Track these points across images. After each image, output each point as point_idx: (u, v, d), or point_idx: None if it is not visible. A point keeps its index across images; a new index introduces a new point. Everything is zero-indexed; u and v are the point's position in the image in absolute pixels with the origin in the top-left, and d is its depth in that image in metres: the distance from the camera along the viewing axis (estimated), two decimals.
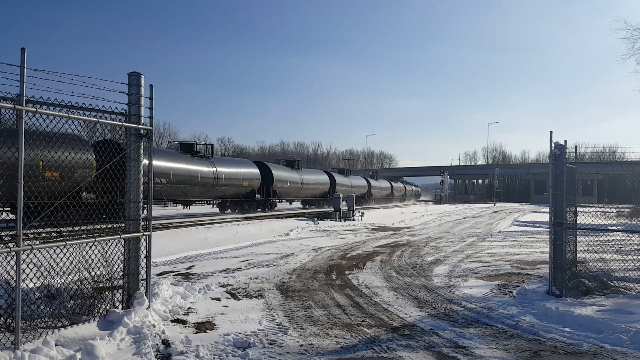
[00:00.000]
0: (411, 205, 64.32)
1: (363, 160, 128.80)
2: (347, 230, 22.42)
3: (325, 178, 47.73)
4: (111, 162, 6.27)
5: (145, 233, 6.45)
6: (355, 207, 31.16)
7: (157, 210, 31.10)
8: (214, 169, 29.21)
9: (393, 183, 74.25)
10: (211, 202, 32.94)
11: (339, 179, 50.26)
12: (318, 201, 46.48)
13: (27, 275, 5.12)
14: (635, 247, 14.24)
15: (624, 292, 7.93)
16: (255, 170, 34.57)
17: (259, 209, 35.11)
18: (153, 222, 6.62)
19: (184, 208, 32.06)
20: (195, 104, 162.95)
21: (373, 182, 62.28)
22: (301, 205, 48.23)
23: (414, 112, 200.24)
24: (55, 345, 4.83)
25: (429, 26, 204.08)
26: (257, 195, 34.56)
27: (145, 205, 6.63)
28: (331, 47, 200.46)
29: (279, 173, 37.93)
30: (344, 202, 30.24)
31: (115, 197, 6.26)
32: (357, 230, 22.49)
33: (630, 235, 14.33)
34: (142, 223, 6.45)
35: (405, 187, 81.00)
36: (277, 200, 38.74)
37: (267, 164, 37.94)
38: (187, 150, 28.65)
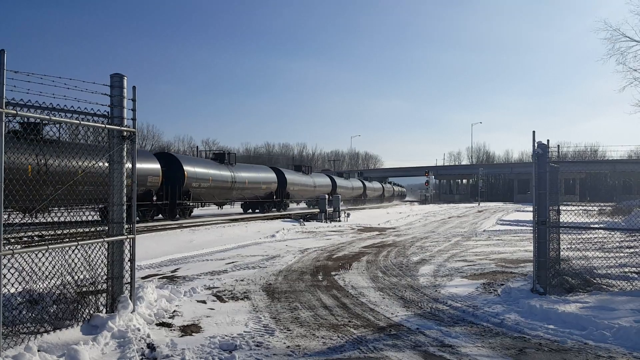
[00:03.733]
0: (396, 205, 64.61)
1: (348, 161, 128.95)
2: (333, 231, 22.44)
3: (327, 181, 51.52)
4: (95, 164, 6.19)
5: (129, 236, 6.38)
6: (341, 208, 31.18)
7: (198, 211, 35.17)
8: (240, 174, 33.79)
9: (383, 184, 77.60)
10: (233, 203, 38.31)
11: (339, 181, 54.37)
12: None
13: (9, 280, 5.03)
14: (617, 244, 14.47)
15: (606, 289, 8.03)
16: (273, 175, 38.93)
17: (274, 209, 39.29)
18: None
19: (218, 209, 37.64)
20: (178, 106, 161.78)
21: (367, 184, 66.50)
22: (306, 205, 51.94)
23: (399, 113, 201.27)
24: (38, 350, 4.76)
25: (412, 27, 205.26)
26: (274, 197, 38.74)
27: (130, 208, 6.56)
28: (315, 48, 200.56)
29: (291, 177, 42.02)
30: (330, 204, 30.26)
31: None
32: (343, 231, 22.51)
33: (612, 233, 14.57)
34: (126, 226, 6.38)
35: (393, 188, 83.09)
36: (289, 201, 42.90)
37: (280, 169, 42.61)
38: (220, 159, 33.66)
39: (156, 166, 25.42)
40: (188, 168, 27.85)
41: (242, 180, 33.53)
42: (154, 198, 25.69)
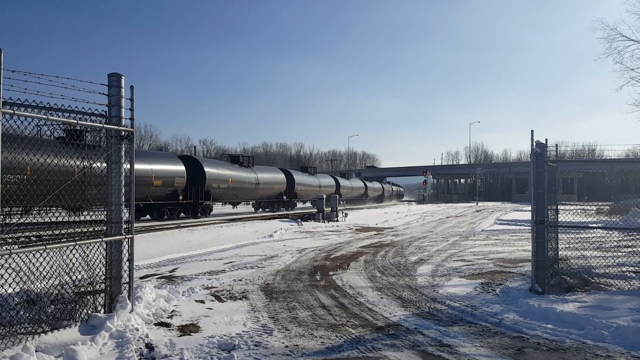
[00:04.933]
0: (394, 205, 64.54)
1: (346, 161, 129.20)
2: (331, 231, 22.43)
3: (281, 177, 41.19)
4: (91, 164, 6.17)
5: (127, 236, 6.36)
6: (338, 208, 31.18)
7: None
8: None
9: (367, 183, 69.11)
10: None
11: (298, 177, 44.13)
12: (273, 203, 40.74)
13: (6, 280, 5.02)
14: (615, 243, 14.50)
15: (604, 288, 8.04)
16: (179, 168, 28.00)
17: (190, 214, 29.28)
18: None
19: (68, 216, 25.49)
20: (176, 106, 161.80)
21: (343, 182, 55.70)
22: (253, 209, 41.38)
23: (396, 113, 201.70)
24: (36, 351, 4.74)
25: (410, 27, 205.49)
26: (180, 197, 27.99)
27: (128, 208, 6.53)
28: (311, 48, 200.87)
29: (215, 170, 31.13)
30: (327, 203, 30.26)
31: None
32: (341, 231, 22.51)
33: (610, 232, 14.60)
34: (124, 226, 6.36)
35: (383, 187, 77.58)
36: (212, 203, 32.23)
37: (197, 159, 31.51)
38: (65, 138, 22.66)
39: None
40: None
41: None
42: None
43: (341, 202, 49.83)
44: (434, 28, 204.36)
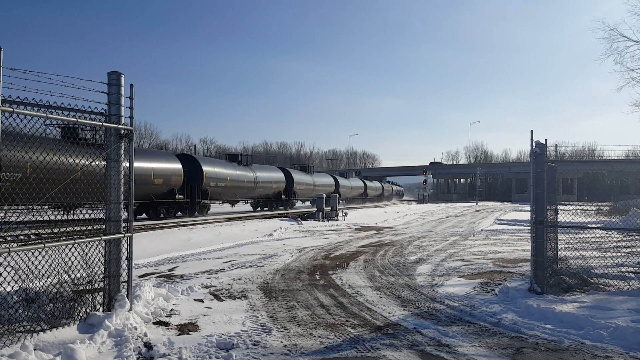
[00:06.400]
0: (394, 204, 64.53)
1: (346, 160, 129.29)
2: (331, 230, 22.42)
3: (175, 167, 27.94)
4: (89, 163, 6.17)
5: (126, 234, 6.36)
6: (338, 207, 31.18)
7: None
8: None
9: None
10: None
11: (210, 168, 31.58)
12: (168, 205, 27.84)
13: (5, 278, 5.02)
14: (614, 244, 14.50)
15: (603, 288, 8.04)
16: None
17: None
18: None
19: None
20: (176, 105, 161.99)
21: (300, 177, 46.04)
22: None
23: (396, 113, 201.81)
24: (34, 349, 4.75)
25: (409, 27, 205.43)
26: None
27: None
28: (311, 48, 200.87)
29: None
30: (327, 202, 30.26)
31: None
32: (341, 230, 22.50)
33: (609, 232, 14.60)
34: (123, 224, 6.36)
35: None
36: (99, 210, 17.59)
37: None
38: None
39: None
40: None
41: None
42: None
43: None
44: (433, 28, 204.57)
